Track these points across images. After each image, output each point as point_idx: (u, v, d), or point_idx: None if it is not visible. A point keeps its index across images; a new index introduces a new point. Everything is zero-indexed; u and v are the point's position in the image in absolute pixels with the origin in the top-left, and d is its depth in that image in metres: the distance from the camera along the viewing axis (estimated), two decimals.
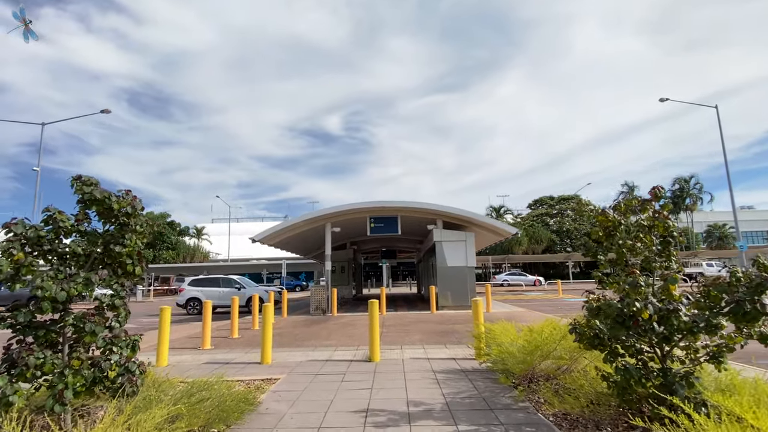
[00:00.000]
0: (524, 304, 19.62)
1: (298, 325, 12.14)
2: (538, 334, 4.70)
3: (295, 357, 7.45)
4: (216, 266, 50.98)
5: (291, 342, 9.17)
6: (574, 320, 3.82)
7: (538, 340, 4.60)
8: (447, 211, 15.59)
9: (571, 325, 3.78)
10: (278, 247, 18.97)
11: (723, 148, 28.71)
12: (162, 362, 7.05)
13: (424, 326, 11.15)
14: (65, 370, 3.54)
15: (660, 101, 29.58)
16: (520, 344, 4.82)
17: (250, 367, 6.77)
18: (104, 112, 30.17)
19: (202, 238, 60.91)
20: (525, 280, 42.15)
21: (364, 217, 16.46)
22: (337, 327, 11.54)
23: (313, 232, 17.06)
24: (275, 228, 15.61)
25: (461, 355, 7.12)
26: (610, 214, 3.86)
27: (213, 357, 7.74)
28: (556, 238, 53.08)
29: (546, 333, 4.66)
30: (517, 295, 27.86)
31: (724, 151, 28.63)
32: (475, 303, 6.87)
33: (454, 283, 15.54)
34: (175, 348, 8.93)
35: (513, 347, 4.93)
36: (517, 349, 4.83)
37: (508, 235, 16.47)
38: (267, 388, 5.43)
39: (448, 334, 9.58)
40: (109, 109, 30.17)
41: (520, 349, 4.73)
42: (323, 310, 15.09)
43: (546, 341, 4.57)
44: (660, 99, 29.55)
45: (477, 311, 6.80)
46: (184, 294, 19.17)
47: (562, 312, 15.60)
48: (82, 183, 3.88)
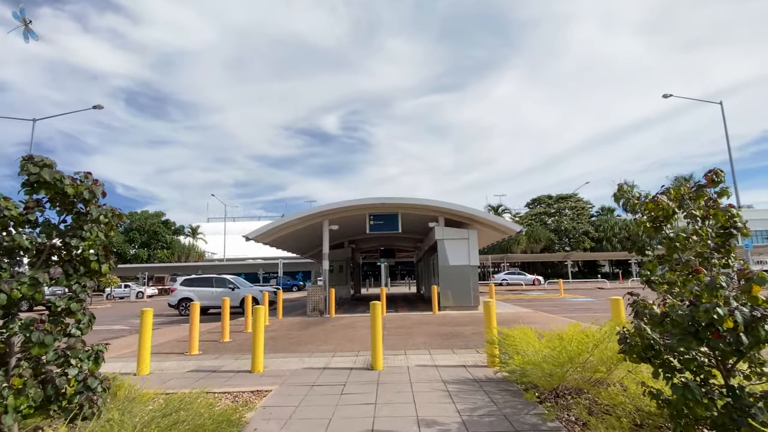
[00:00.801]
0: (527, 304, 19.04)
1: (294, 328, 11.50)
2: (568, 342, 4.09)
3: (289, 364, 6.81)
4: (211, 266, 50.22)
5: (285, 346, 8.53)
6: (623, 328, 3.20)
7: (569, 349, 3.99)
8: (449, 208, 14.97)
9: (620, 334, 3.16)
10: (273, 245, 18.30)
11: (728, 144, 28.24)
12: (143, 370, 6.40)
13: (427, 328, 10.53)
14: (4, 390, 2.90)
15: (663, 97, 29.09)
16: (546, 353, 4.21)
17: (240, 376, 6.13)
18: (96, 108, 29.46)
19: (197, 238, 60.08)
20: (524, 279, 41.63)
21: (363, 215, 15.82)
22: (335, 329, 10.90)
23: (309, 230, 16.41)
24: (270, 226, 14.95)
25: (471, 362, 6.50)
26: (663, 200, 3.24)
27: (200, 364, 7.09)
28: (555, 237, 52.59)
29: (576, 341, 4.05)
30: (518, 294, 27.30)
31: (728, 147, 28.16)
32: (487, 305, 6.25)
33: (457, 283, 14.93)
34: (160, 353, 8.27)
35: (537, 356, 4.32)
36: (542, 358, 4.22)
37: (512, 232, 15.88)
38: (256, 403, 4.79)
39: (453, 337, 8.96)
40: (101, 105, 29.46)
41: (547, 359, 4.12)
42: (321, 311, 14.45)
43: (578, 350, 3.96)
44: (663, 95, 29.06)
45: (489, 314, 6.18)
46: (175, 294, 18.47)
47: (567, 312, 15.03)
48: (28, 163, 3.23)
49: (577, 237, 52.37)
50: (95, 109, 29.12)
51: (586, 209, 55.23)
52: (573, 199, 55.22)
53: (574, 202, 54.87)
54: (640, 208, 3.53)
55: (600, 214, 59.35)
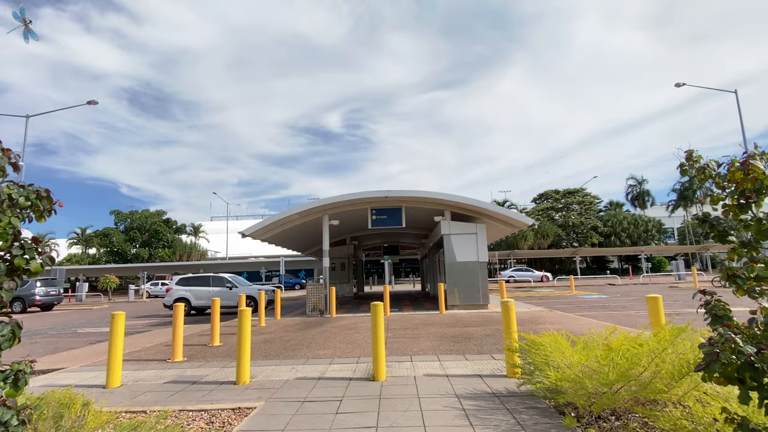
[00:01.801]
0: (539, 301, 18.18)
1: (291, 330, 10.72)
2: (617, 352, 3.26)
3: (280, 373, 6.02)
4: (214, 264, 49.60)
5: (279, 352, 7.75)
6: (708, 340, 2.37)
7: (619, 362, 3.17)
8: (456, 201, 14.13)
9: (705, 347, 2.33)
10: (272, 242, 17.52)
11: (743, 134, 27.19)
12: (113, 382, 5.63)
13: (434, 330, 9.71)
14: None
15: (676, 86, 28.08)
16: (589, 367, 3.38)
17: (222, 389, 5.34)
18: (91, 104, 28.79)
19: (199, 236, 59.52)
20: (532, 275, 40.73)
21: (365, 209, 15.01)
22: (335, 331, 10.11)
23: (309, 226, 15.62)
24: (267, 221, 14.16)
25: (488, 371, 5.68)
26: (758, 167, 2.40)
27: (181, 373, 6.32)
28: (563, 233, 51.60)
29: (628, 352, 3.23)
30: (527, 291, 26.43)
31: (744, 137, 27.11)
32: (505, 306, 5.43)
33: (465, 280, 14.11)
34: (140, 360, 7.52)
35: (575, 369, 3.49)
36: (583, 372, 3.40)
37: (523, 226, 15.02)
38: (235, 425, 4.00)
39: (464, 340, 8.14)
40: (96, 100, 28.78)
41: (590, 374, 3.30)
42: (321, 311, 13.66)
43: (630, 363, 3.14)
44: (676, 84, 28.05)
45: (508, 317, 5.36)
46: (171, 294, 17.77)
47: (582, 311, 14.17)
48: None
49: (585, 232, 51.37)
50: (89, 104, 28.45)
51: (594, 204, 54.15)
52: (580, 193, 54.15)
53: (582, 196, 53.81)
54: (720, 179, 2.70)
55: (608, 208, 58.30)
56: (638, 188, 56.95)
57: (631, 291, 23.37)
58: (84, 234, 55.83)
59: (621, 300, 17.88)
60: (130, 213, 54.28)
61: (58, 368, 7.17)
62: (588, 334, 4.39)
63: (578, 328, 9.16)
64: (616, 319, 11.42)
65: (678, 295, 18.86)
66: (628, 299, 18.08)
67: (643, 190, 56.47)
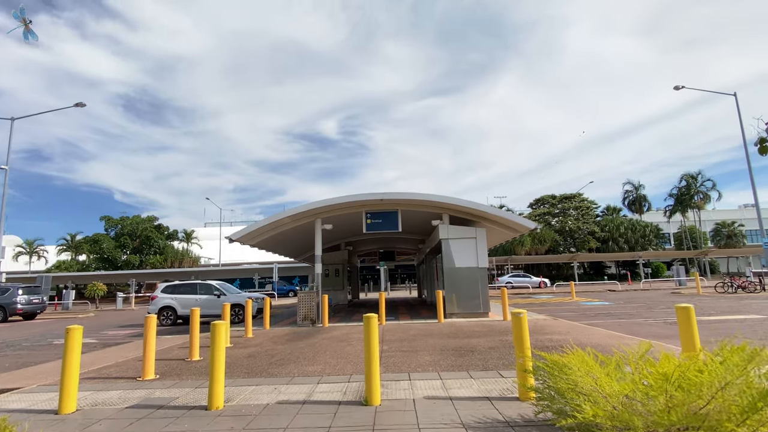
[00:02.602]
0: (540, 309, 17.52)
1: (280, 341, 9.97)
2: (673, 381, 2.59)
3: (260, 395, 5.30)
4: (206, 271, 48.62)
5: (263, 368, 7.00)
6: None
7: (676, 393, 2.50)
8: (455, 204, 13.49)
9: None
10: (262, 248, 16.80)
11: (743, 138, 26.87)
12: (66, 407, 4.88)
13: (433, 341, 9.00)
14: None
15: (675, 89, 27.79)
16: (638, 398, 2.69)
17: (191, 415, 4.61)
18: (79, 106, 28.05)
19: (191, 242, 58.49)
20: (530, 281, 40.13)
21: (360, 213, 14.33)
22: (326, 343, 9.38)
23: (301, 230, 14.91)
24: (256, 225, 13.43)
25: (497, 392, 4.99)
26: None
27: (148, 395, 5.57)
28: (560, 238, 51.11)
29: (687, 381, 2.56)
30: (526, 298, 25.77)
31: (744, 142, 26.77)
32: (517, 319, 4.75)
33: (464, 287, 13.43)
34: (108, 378, 6.76)
35: (614, 400, 2.81)
36: (625, 405, 2.71)
37: (525, 230, 14.39)
38: None
39: (467, 354, 7.44)
40: (83, 102, 28.04)
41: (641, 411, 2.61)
42: (312, 321, 12.92)
43: (689, 395, 2.47)
44: (675, 87, 27.78)
45: (521, 331, 4.68)
46: (156, 302, 16.93)
47: (588, 319, 13.51)
48: None
49: (582, 237, 50.90)
50: (77, 106, 27.70)
51: (591, 209, 53.75)
52: (577, 198, 53.76)
53: (579, 201, 53.41)
54: None
55: (605, 213, 57.90)
56: (635, 193, 56.63)
57: (633, 297, 22.77)
58: (74, 240, 54.67)
59: (625, 307, 17.25)
60: (120, 219, 53.25)
61: (14, 388, 6.40)
62: (619, 353, 3.71)
63: (589, 339, 8.49)
64: (625, 328, 10.77)
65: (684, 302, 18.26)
66: (633, 306, 17.46)
67: (640, 195, 56.19)
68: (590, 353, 3.71)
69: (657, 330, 10.59)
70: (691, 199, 51.62)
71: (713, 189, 51.48)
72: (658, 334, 9.87)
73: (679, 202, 52.84)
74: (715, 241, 57.08)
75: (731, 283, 22.90)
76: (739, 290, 22.50)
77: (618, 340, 8.43)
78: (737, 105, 27.28)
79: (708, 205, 53.68)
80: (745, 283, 22.40)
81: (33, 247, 55.20)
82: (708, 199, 51.75)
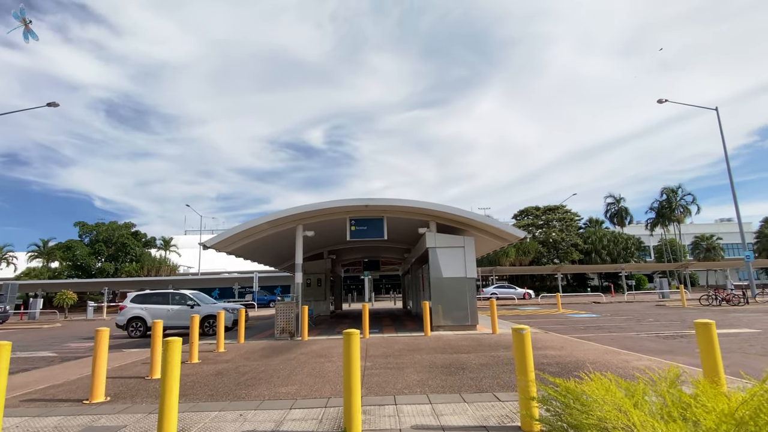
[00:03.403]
0: (527, 321, 17.06)
1: (253, 357, 9.19)
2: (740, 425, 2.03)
3: (222, 425, 4.58)
4: (184, 280, 47.00)
5: (231, 389, 6.26)
6: None
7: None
8: (442, 212, 12.96)
9: None
10: (240, 256, 15.96)
11: (725, 151, 27.20)
12: None
13: (420, 357, 8.37)
14: None
15: (658, 102, 28.08)
16: None
17: None
18: (51, 105, 26.85)
19: (170, 250, 56.72)
20: (515, 293, 39.87)
21: (343, 219, 13.69)
22: (304, 359, 8.65)
23: (281, 236, 14.17)
24: (232, 231, 12.63)
25: (494, 419, 4.38)
26: None
27: (91, 423, 4.80)
28: (544, 250, 51.17)
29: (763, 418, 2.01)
30: (512, 310, 25.36)
31: (726, 155, 27.10)
32: (519, 335, 4.18)
33: (451, 298, 12.86)
34: (51, 400, 5.92)
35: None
36: None
37: (514, 239, 13.93)
38: None
39: (457, 372, 6.83)
40: (56, 102, 26.86)
41: None
42: (291, 334, 12.14)
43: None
44: (658, 100, 28.06)
45: (523, 350, 4.10)
46: (124, 312, 15.89)
47: (578, 332, 13.06)
48: None
49: (565, 249, 51.08)
50: (50, 106, 26.50)
51: (575, 221, 54.11)
52: (561, 210, 54.07)
53: (562, 213, 53.73)
54: None
55: (588, 225, 58.39)
56: (617, 206, 57.29)
57: (619, 310, 22.54)
58: (46, 247, 52.41)
59: (614, 320, 16.90)
60: (96, 225, 51.33)
61: None
62: (643, 378, 3.16)
63: (585, 355, 7.98)
64: (618, 342, 10.32)
65: (670, 314, 18.03)
66: (621, 319, 17.13)
67: (622, 208, 56.85)
68: (611, 379, 3.15)
69: (652, 344, 10.17)
70: (672, 212, 52.38)
71: (693, 203, 52.39)
72: (654, 349, 9.43)
73: (660, 215, 53.59)
74: (695, 254, 58.00)
75: (715, 296, 22.88)
76: (723, 303, 22.49)
77: (615, 356, 7.94)
78: (719, 119, 27.70)
79: (687, 219, 54.52)
80: (729, 296, 22.39)
81: (1, 254, 52.71)
82: (688, 213, 52.57)
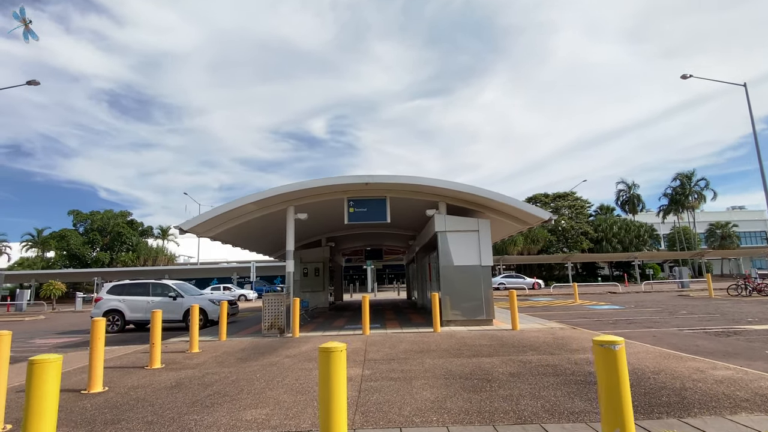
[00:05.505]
0: (545, 314, 15.45)
1: (228, 360, 7.63)
2: None
3: None
4: (181, 270, 45.74)
5: (181, 412, 4.67)
6: None
7: None
8: (454, 190, 11.30)
9: None
10: (226, 242, 14.37)
11: (754, 131, 25.26)
12: None
13: (432, 363, 6.76)
14: None
15: (682, 78, 26.10)
16: None
17: None
18: (31, 84, 25.20)
19: (168, 239, 55.42)
20: (524, 282, 38.32)
21: (341, 200, 12.06)
22: (289, 364, 7.08)
23: (271, 220, 12.58)
24: (212, 213, 10.99)
25: None
26: None
27: None
28: (553, 238, 49.42)
29: None
30: (523, 301, 23.73)
31: (754, 133, 25.17)
32: (608, 353, 2.54)
33: (464, 289, 11.27)
34: None
35: None
36: None
37: (537, 221, 12.28)
38: None
39: (483, 386, 5.21)
40: (37, 80, 25.20)
41: None
42: (280, 329, 10.58)
43: None
44: (682, 76, 26.08)
45: (617, 379, 2.47)
46: (100, 305, 14.42)
47: (608, 327, 11.45)
48: None
49: (575, 237, 49.29)
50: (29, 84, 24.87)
51: (585, 208, 52.21)
52: (570, 197, 52.17)
53: (572, 200, 51.83)
54: None
55: (598, 213, 56.49)
56: (628, 193, 55.33)
57: (641, 300, 20.90)
58: (40, 236, 51.19)
59: (642, 312, 15.27)
60: (90, 213, 49.97)
61: None
62: None
63: (640, 362, 6.31)
64: (663, 340, 8.69)
65: (702, 306, 16.39)
66: (650, 311, 15.49)
67: (634, 195, 54.88)
68: None
69: (707, 344, 8.53)
70: (686, 198, 50.42)
71: (707, 188, 50.40)
72: (714, 350, 7.80)
73: (674, 201, 51.65)
74: (709, 242, 56.11)
75: (745, 285, 21.18)
76: (753, 293, 20.80)
77: (678, 362, 6.29)
78: (747, 96, 25.68)
79: (701, 206, 52.54)
80: (761, 286, 20.68)
81: None
82: (702, 199, 50.57)
